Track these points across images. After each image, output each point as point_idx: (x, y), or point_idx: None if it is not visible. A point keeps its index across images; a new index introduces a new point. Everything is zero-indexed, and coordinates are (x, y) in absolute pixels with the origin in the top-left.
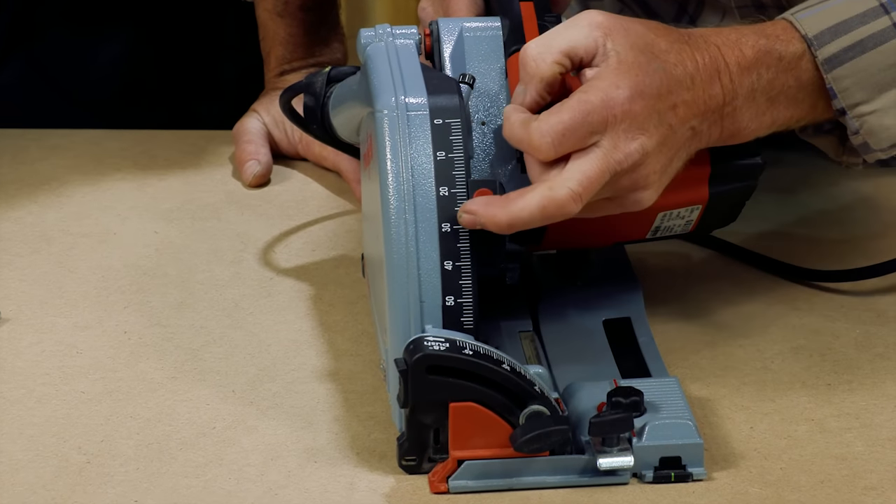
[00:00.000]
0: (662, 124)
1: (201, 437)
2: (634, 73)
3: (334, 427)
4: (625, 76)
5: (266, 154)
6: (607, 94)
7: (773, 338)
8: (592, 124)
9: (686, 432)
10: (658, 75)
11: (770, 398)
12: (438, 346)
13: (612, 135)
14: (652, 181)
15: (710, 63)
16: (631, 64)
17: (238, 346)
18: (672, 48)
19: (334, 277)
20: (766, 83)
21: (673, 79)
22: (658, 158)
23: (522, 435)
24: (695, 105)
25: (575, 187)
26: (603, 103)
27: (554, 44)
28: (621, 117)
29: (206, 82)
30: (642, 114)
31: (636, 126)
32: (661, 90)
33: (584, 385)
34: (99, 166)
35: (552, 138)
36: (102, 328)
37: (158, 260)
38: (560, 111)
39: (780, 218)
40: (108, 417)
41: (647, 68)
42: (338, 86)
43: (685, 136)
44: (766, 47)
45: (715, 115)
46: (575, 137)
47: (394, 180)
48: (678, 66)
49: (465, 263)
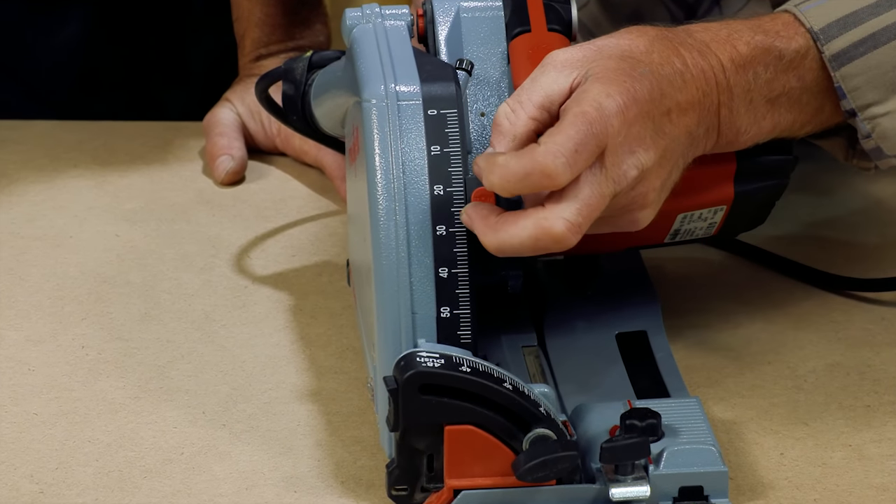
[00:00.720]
0: (659, 134)
1: (167, 465)
2: (622, 79)
3: (316, 453)
4: (613, 84)
5: (240, 148)
6: (600, 104)
7: (805, 353)
8: (598, 136)
9: (709, 459)
10: (646, 79)
11: (803, 421)
12: (432, 362)
13: (611, 152)
14: (651, 199)
15: (700, 58)
16: (615, 71)
17: (209, 363)
18: (654, 47)
19: (316, 286)
20: (764, 83)
21: (663, 79)
22: (658, 173)
23: (526, 462)
24: (689, 107)
25: (573, 217)
26: (599, 112)
27: (526, 98)
28: (618, 128)
29: (172, 68)
30: (638, 123)
31: (633, 138)
32: (653, 94)
33: (595, 406)
34: (53, 162)
35: (567, 157)
36: (57, 342)
37: (120, 266)
38: (564, 128)
39: (813, 220)
40: (64, 442)
41: (632, 74)
42: (320, 72)
43: (683, 143)
44: (763, 44)
45: (711, 118)
46: (587, 153)
47: (383, 178)
48: (665, 66)
49: (462, 270)
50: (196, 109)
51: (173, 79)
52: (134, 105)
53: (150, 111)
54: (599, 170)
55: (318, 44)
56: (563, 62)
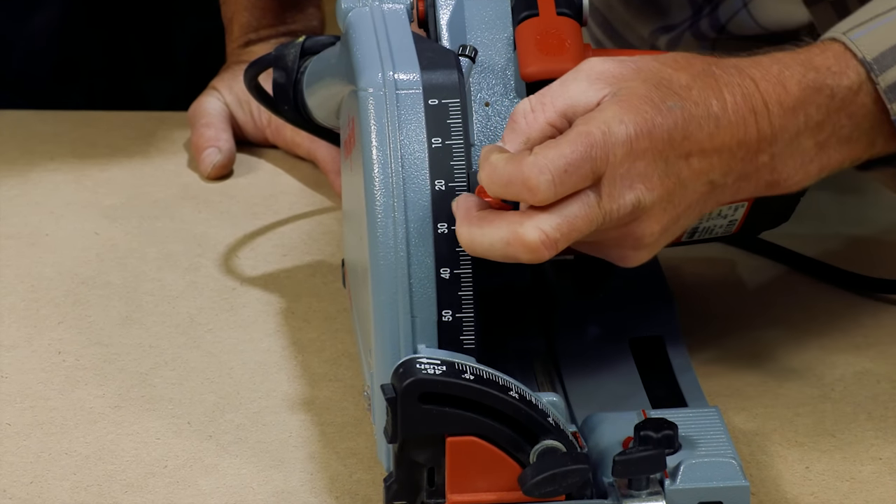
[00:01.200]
0: (669, 176)
1: (150, 478)
2: (644, 108)
3: (309, 466)
4: (631, 111)
5: (228, 140)
6: (609, 128)
7: (833, 360)
8: (595, 160)
9: (729, 473)
10: (673, 115)
11: (829, 432)
12: (433, 369)
13: (609, 181)
14: (646, 242)
15: (742, 102)
16: (641, 97)
17: (194, 370)
18: (695, 83)
19: (309, 288)
20: (814, 126)
21: (691, 120)
22: (659, 217)
23: (533, 476)
24: (716, 154)
25: (551, 232)
26: (604, 137)
27: (549, 101)
28: (621, 158)
29: (155, 54)
30: (646, 158)
31: (637, 173)
32: (674, 134)
33: (608, 416)
34: (28, 154)
35: (553, 175)
36: (32, 348)
37: (99, 266)
38: (560, 144)
39: (841, 217)
40: (39, 454)
41: (659, 105)
42: (313, 59)
43: (699, 191)
44: (815, 83)
45: (745, 167)
46: (577, 176)
47: (380, 172)
48: (700, 106)
49: (466, 271)
50: (181, 99)
51: (156, 66)
52: (114, 94)
53: (132, 101)
54: (593, 194)
55: (311, 28)
56: (598, 75)
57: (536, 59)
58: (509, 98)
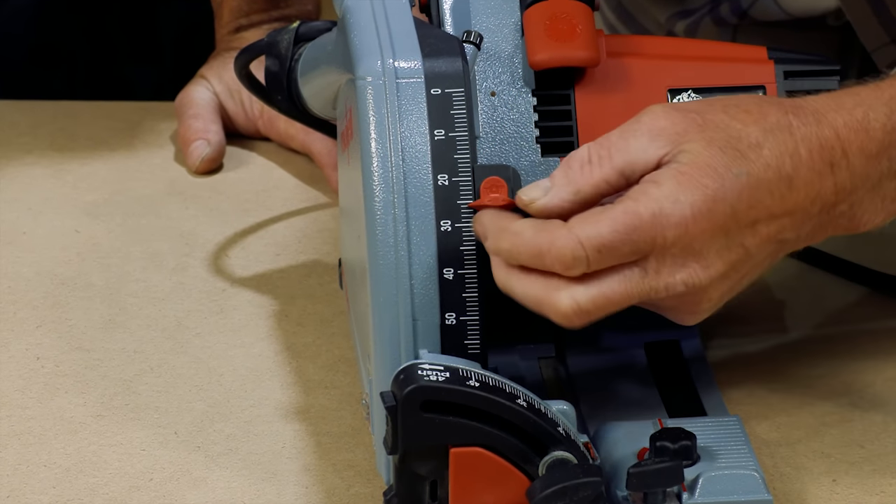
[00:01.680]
0: (731, 248)
1: (135, 492)
2: (705, 182)
3: (304, 479)
4: (690, 187)
5: (217, 132)
6: (661, 209)
7: (862, 366)
8: (637, 243)
9: (751, 486)
10: (738, 184)
11: (858, 443)
12: (436, 375)
13: (657, 259)
14: (703, 308)
15: (819, 156)
16: (703, 167)
17: (181, 377)
18: (768, 140)
19: (304, 289)
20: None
21: (761, 187)
22: (718, 287)
23: (543, 488)
24: (786, 216)
25: (584, 304)
26: (653, 219)
27: (607, 155)
28: (672, 241)
29: (140, 40)
30: (702, 238)
31: (692, 252)
32: (739, 206)
33: (621, 426)
34: (3, 147)
35: (588, 253)
36: (9, 353)
37: (81, 266)
38: (599, 221)
39: None
40: (17, 466)
41: (724, 175)
42: (308, 46)
43: (765, 252)
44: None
45: (821, 220)
46: (616, 256)
47: (379, 166)
48: (770, 169)
49: (470, 271)
50: (167, 87)
51: (141, 52)
52: (96, 82)
53: (115, 89)
54: (637, 270)
55: (305, 13)
56: (659, 132)
57: (546, 45)
58: (516, 87)
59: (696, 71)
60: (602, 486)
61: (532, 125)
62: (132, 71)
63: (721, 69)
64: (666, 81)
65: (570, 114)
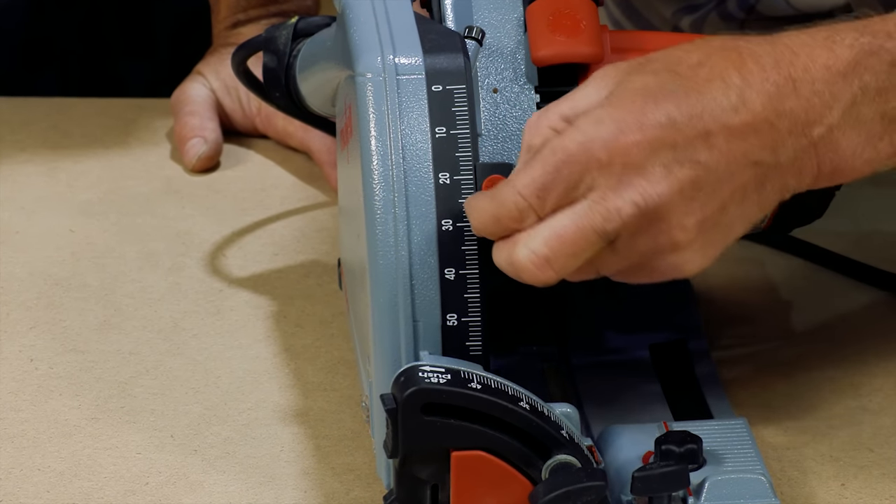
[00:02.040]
0: (684, 164)
1: (130, 496)
2: (631, 101)
3: (302, 483)
4: (614, 108)
5: (214, 130)
6: (586, 135)
7: (871, 369)
8: (572, 175)
9: (757, 490)
10: (675, 96)
11: (867, 447)
12: (437, 377)
13: (600, 185)
14: (682, 240)
15: (774, 70)
16: (634, 91)
17: (178, 379)
18: (709, 59)
19: (302, 289)
20: (874, 94)
21: (703, 97)
22: (685, 209)
23: (546, 493)
24: (753, 134)
25: (539, 249)
26: (581, 147)
27: (553, 107)
28: (606, 161)
29: (134, 34)
30: (639, 152)
31: (632, 169)
32: (677, 115)
33: (626, 429)
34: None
35: (529, 200)
36: (2, 355)
37: (75, 267)
38: (531, 166)
39: (879, 213)
40: (10, 470)
41: (657, 93)
42: (307, 42)
43: (738, 173)
44: (870, 47)
45: (798, 142)
46: (556, 196)
47: (379, 164)
48: (713, 82)
49: (472, 272)
50: (162, 83)
51: (135, 47)
52: (90, 78)
53: (110, 85)
54: (584, 202)
55: (304, 8)
56: (603, 75)
57: (549, 41)
58: (519, 84)
59: None
60: (606, 490)
61: None
62: (126, 66)
63: None
64: None
65: None
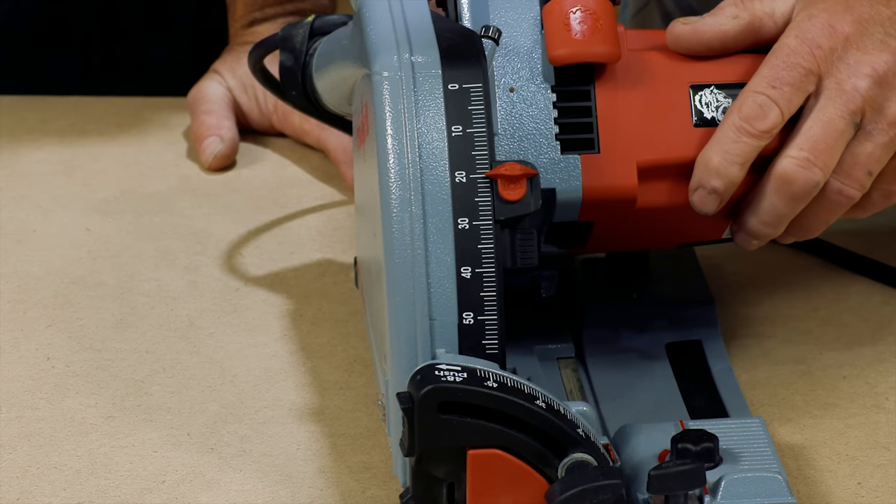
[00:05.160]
0: (893, 34)
1: (147, 494)
2: (835, 1)
3: (319, 481)
4: (818, 5)
5: (231, 128)
6: (800, 28)
7: (887, 367)
8: (801, 65)
9: (774, 489)
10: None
11: (884, 445)
12: (453, 376)
13: (827, 72)
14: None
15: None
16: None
17: (194, 377)
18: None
19: (319, 288)
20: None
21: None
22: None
23: (562, 492)
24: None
25: (798, 154)
26: (798, 41)
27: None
28: (829, 46)
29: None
30: (855, 31)
31: (852, 49)
32: (875, 2)
33: (642, 428)
34: (13, 143)
35: (767, 93)
36: (19, 353)
37: (91, 265)
38: (760, 69)
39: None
40: (27, 469)
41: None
42: (324, 40)
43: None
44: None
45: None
46: (789, 87)
47: (396, 162)
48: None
49: (489, 270)
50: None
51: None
52: (109, 59)
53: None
54: (819, 97)
55: (321, 7)
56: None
57: (565, 40)
58: (535, 83)
59: (718, 66)
60: (622, 488)
61: (551, 122)
62: (144, 47)
63: (745, 64)
64: (688, 77)
65: (591, 110)
